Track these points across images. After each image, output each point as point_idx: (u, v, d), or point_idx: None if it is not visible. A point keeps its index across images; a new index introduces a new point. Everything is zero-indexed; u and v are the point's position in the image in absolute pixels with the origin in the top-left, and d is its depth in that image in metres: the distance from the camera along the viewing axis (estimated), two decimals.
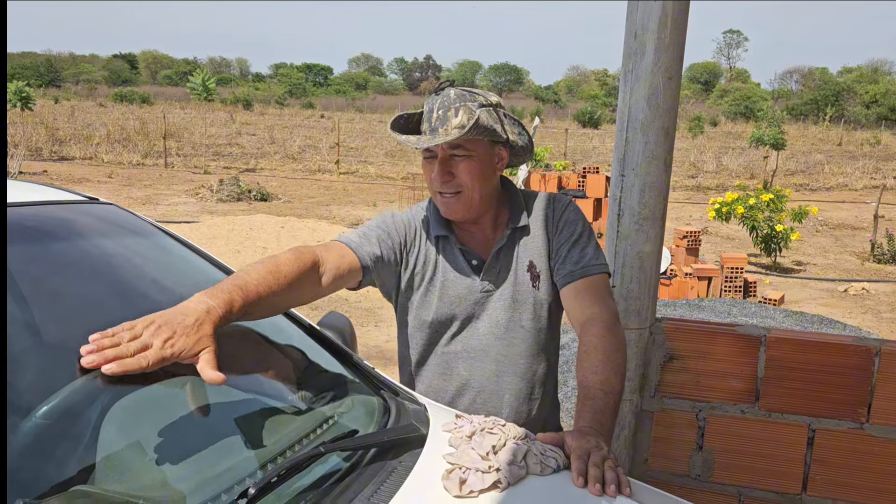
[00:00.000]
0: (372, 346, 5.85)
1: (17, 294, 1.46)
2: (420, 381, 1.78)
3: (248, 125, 32.98)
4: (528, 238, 1.73)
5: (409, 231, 1.73)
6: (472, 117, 1.57)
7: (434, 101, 1.64)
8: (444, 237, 1.72)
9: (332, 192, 16.58)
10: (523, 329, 1.71)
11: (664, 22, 1.84)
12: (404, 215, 1.77)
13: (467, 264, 1.71)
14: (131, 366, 1.10)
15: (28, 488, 1.06)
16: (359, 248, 1.64)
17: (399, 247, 1.72)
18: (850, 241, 12.41)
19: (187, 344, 1.15)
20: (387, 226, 1.72)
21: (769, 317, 5.76)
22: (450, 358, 1.73)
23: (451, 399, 1.74)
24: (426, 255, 1.73)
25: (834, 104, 50.01)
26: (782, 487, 1.97)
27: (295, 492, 1.12)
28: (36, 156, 20.48)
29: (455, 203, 1.65)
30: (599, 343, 1.52)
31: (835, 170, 22.96)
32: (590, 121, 41.67)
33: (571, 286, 1.66)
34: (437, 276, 1.72)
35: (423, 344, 1.75)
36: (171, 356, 1.14)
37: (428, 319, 1.72)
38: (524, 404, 1.74)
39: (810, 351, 1.93)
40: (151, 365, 1.12)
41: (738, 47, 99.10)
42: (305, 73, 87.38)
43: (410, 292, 1.74)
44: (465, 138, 1.59)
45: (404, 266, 1.73)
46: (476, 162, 1.63)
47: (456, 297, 1.70)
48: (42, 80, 60.73)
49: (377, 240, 1.68)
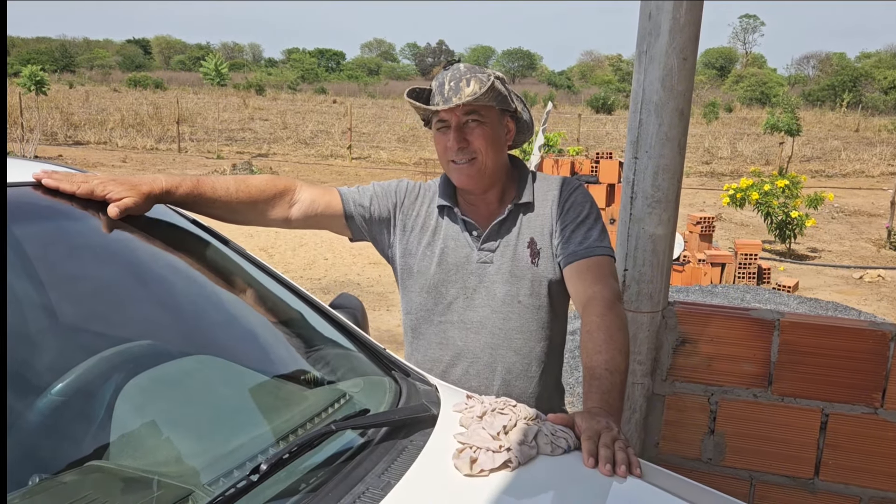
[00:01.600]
0: (384, 330, 5.86)
1: (33, 274, 1.47)
2: (418, 349, 1.80)
3: (261, 110, 32.97)
4: (532, 215, 1.74)
5: (409, 195, 1.80)
6: (487, 83, 1.62)
7: (444, 76, 1.67)
8: (448, 207, 1.76)
9: (345, 177, 16.58)
10: (521, 304, 1.71)
11: (679, 1, 1.81)
12: (413, 182, 1.84)
13: (468, 234, 1.74)
14: (64, 185, 1.40)
15: (44, 464, 1.08)
16: (347, 194, 1.77)
17: (393, 206, 1.78)
18: (866, 228, 12.29)
19: (118, 192, 1.43)
20: (388, 186, 1.81)
21: (783, 303, 5.72)
22: (447, 328, 1.75)
23: (445, 368, 1.75)
24: (425, 220, 1.77)
25: (851, 90, 49.35)
26: (794, 472, 1.97)
27: (306, 469, 1.13)
28: (51, 140, 20.57)
29: (469, 169, 1.68)
30: (601, 322, 1.52)
31: (851, 156, 22.68)
32: (603, 106, 41.35)
33: (574, 266, 1.67)
34: (437, 243, 1.75)
35: (421, 311, 1.77)
36: (101, 194, 1.42)
37: (426, 284, 1.75)
38: (518, 380, 1.74)
39: (824, 335, 1.92)
40: (81, 192, 1.41)
41: (754, 32, 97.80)
42: (318, 59, 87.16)
43: (409, 257, 1.78)
44: (480, 104, 1.64)
45: (400, 227, 1.78)
46: (489, 128, 1.67)
47: (454, 265, 1.73)
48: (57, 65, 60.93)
49: (371, 194, 1.78)
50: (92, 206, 1.42)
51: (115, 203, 1.42)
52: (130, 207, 1.44)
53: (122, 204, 1.42)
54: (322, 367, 1.52)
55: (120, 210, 1.41)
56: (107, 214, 1.41)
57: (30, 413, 1.14)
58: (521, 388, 1.74)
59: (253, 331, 1.60)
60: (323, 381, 1.45)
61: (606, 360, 1.46)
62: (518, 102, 1.75)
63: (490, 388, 1.72)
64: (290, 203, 1.71)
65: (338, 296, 1.94)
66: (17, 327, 1.32)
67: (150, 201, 1.50)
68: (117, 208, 1.41)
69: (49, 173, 1.42)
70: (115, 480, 1.07)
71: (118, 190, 1.44)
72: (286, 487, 1.07)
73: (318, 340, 1.58)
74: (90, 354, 1.26)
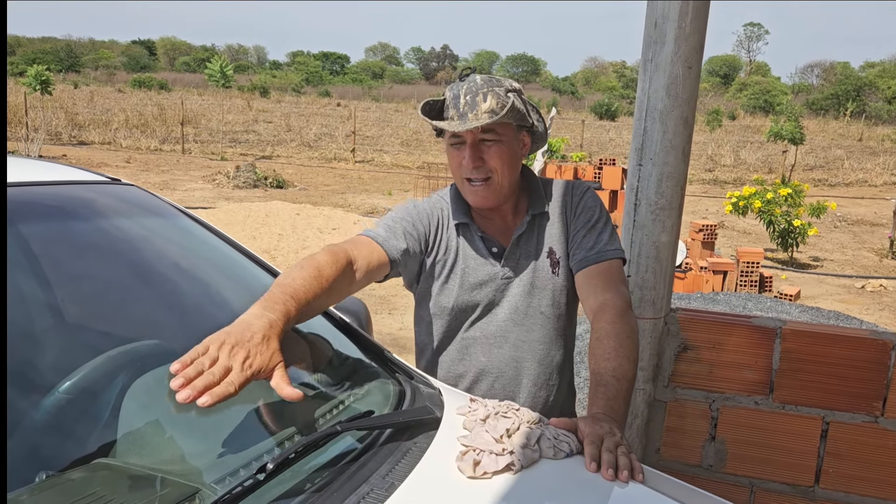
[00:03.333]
0: (386, 334, 5.87)
1: (39, 273, 1.48)
2: (439, 367, 1.78)
3: (265, 112, 33.04)
4: (548, 224, 1.73)
5: (431, 220, 1.73)
6: (506, 101, 1.57)
7: (460, 87, 1.63)
8: (464, 224, 1.73)
9: (348, 181, 16.61)
10: (542, 315, 1.71)
11: (685, 11, 1.83)
12: (425, 204, 1.76)
13: (488, 251, 1.72)
14: (222, 394, 1.09)
15: (51, 461, 1.09)
16: (385, 242, 1.63)
17: (423, 237, 1.71)
18: (868, 237, 12.29)
19: (263, 362, 1.16)
20: (411, 217, 1.71)
21: (785, 312, 5.72)
22: (469, 343, 1.74)
23: (469, 384, 1.75)
24: (447, 242, 1.73)
25: (855, 99, 49.35)
26: (795, 480, 1.97)
27: (311, 469, 1.14)
28: (55, 140, 20.63)
29: (484, 190, 1.65)
30: (611, 330, 1.52)
31: (854, 165, 22.70)
32: (607, 112, 41.39)
33: (585, 272, 1.66)
34: (458, 264, 1.72)
35: (442, 330, 1.76)
36: (252, 376, 1.14)
37: (448, 306, 1.72)
38: (542, 390, 1.74)
39: (826, 344, 1.92)
40: (237, 389, 1.11)
41: (758, 40, 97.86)
42: (322, 62, 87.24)
43: (431, 279, 1.74)
44: (498, 122, 1.58)
45: (428, 255, 1.73)
46: (506, 147, 1.63)
47: (477, 284, 1.71)
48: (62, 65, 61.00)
49: (403, 233, 1.67)
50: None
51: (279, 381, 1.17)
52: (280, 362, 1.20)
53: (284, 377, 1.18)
54: (326, 369, 1.53)
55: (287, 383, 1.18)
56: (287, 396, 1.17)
57: (37, 411, 1.15)
58: (544, 398, 1.75)
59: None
60: (328, 383, 1.46)
61: (614, 368, 1.46)
62: (534, 114, 1.71)
63: (516, 401, 1.70)
64: (354, 273, 1.55)
65: None
66: (26, 326, 1.34)
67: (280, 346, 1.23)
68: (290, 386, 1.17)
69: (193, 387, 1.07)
70: (122, 478, 1.08)
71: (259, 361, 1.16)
72: (291, 487, 1.08)
73: (323, 342, 1.59)
74: (97, 353, 1.27)
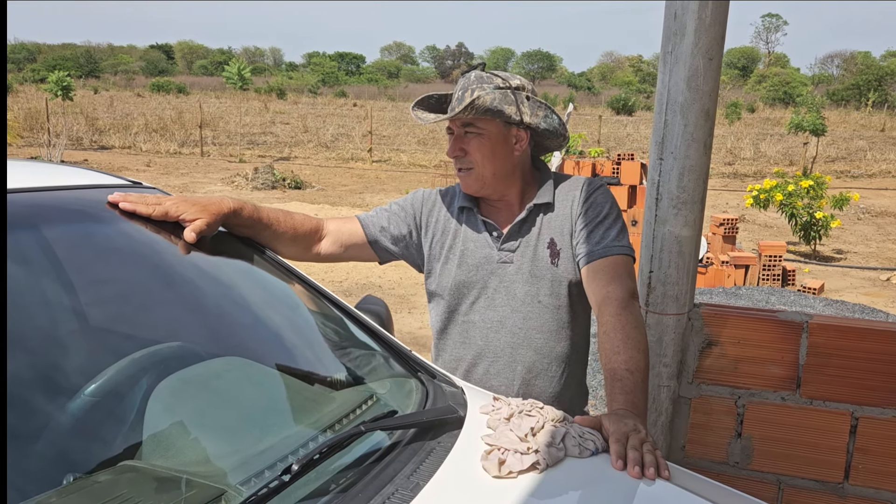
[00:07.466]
0: (406, 333, 5.88)
1: (64, 277, 1.49)
2: (443, 349, 1.81)
3: (282, 114, 33.19)
4: (552, 215, 1.75)
5: (426, 203, 1.83)
6: (472, 98, 1.64)
7: (460, 82, 1.72)
8: (468, 208, 1.78)
9: (365, 180, 16.65)
10: (541, 304, 1.72)
11: (705, 1, 1.80)
12: (429, 190, 1.87)
13: (488, 234, 1.76)
14: (141, 208, 1.45)
15: (78, 464, 1.09)
16: (366, 219, 1.83)
17: (415, 219, 1.82)
18: (892, 228, 12.10)
19: (191, 213, 1.48)
20: (405, 201, 1.85)
21: (809, 305, 5.65)
22: (469, 327, 1.77)
23: (468, 367, 1.76)
24: (446, 224, 1.80)
25: (877, 89, 48.61)
26: (823, 476, 1.94)
27: (336, 470, 1.14)
28: (77, 145, 20.87)
29: (468, 178, 1.74)
30: (616, 322, 1.52)
31: (877, 156, 22.35)
32: (624, 107, 41.10)
33: (590, 266, 1.66)
34: (458, 244, 1.77)
35: (444, 311, 1.79)
36: (175, 215, 1.47)
37: (448, 285, 1.77)
38: (538, 379, 1.74)
39: (854, 338, 1.89)
40: (156, 214, 1.46)
41: (777, 31, 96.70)
42: (338, 62, 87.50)
43: (433, 261, 1.81)
44: (473, 117, 1.66)
45: (423, 235, 1.82)
46: (486, 140, 1.69)
47: (474, 265, 1.74)
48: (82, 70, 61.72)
49: (389, 214, 1.82)
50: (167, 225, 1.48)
51: (190, 227, 1.46)
52: (203, 229, 1.48)
53: (197, 227, 1.47)
54: (349, 369, 1.53)
55: (196, 234, 1.46)
56: (182, 238, 1.46)
57: (63, 413, 1.16)
58: (542, 388, 1.74)
59: (280, 333, 1.61)
60: (350, 383, 1.46)
61: (626, 360, 1.46)
62: (536, 111, 1.72)
63: (511, 387, 1.73)
64: (320, 237, 1.80)
65: (363, 298, 1.96)
66: (50, 330, 1.35)
67: (219, 221, 1.55)
68: (193, 232, 1.46)
69: (125, 196, 1.46)
70: (149, 480, 1.08)
71: (191, 211, 1.49)
72: (317, 488, 1.08)
73: (345, 342, 1.59)
74: (122, 356, 1.28)
